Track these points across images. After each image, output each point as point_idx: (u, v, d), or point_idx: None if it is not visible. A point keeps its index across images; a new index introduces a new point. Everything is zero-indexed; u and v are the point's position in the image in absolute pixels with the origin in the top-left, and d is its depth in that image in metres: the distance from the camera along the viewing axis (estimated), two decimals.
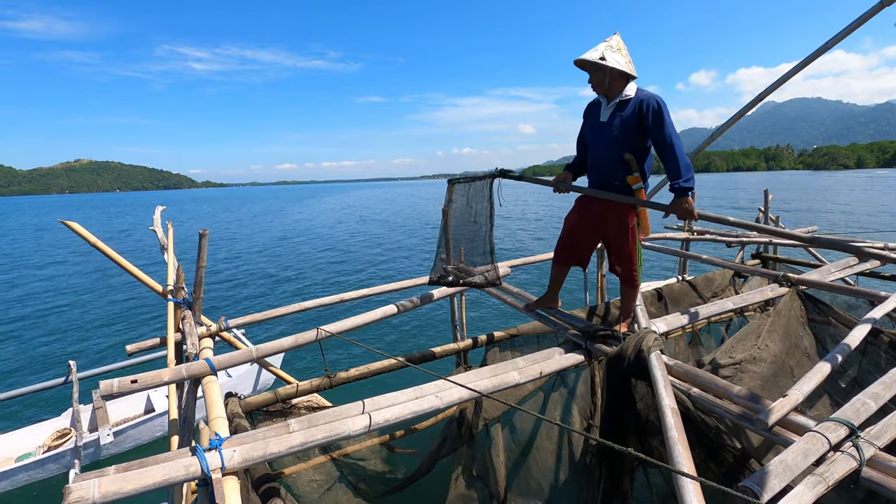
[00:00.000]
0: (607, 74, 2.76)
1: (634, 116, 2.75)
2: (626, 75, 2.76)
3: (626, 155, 2.82)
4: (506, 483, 3.56)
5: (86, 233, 3.75)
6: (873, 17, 3.25)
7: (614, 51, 2.74)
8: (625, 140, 2.81)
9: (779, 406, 1.87)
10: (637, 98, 2.77)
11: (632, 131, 2.78)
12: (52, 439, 5.51)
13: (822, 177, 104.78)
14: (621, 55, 2.74)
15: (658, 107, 2.70)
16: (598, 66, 2.74)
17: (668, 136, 2.69)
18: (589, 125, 3.05)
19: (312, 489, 3.34)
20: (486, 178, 3.11)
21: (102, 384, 2.30)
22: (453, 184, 3.25)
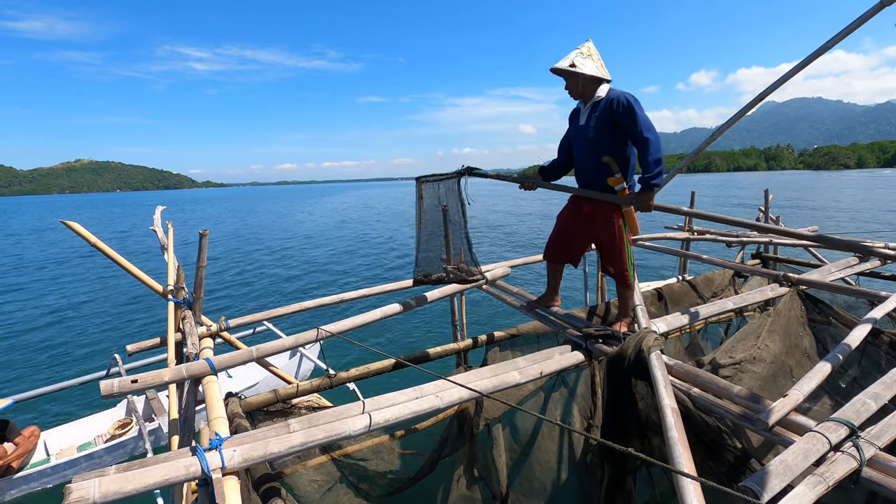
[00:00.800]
0: (580, 80, 2.89)
1: (606, 114, 2.84)
2: (597, 79, 2.88)
3: (605, 157, 2.89)
4: (507, 483, 3.57)
5: (86, 233, 3.76)
6: (874, 17, 3.25)
7: (585, 57, 2.87)
8: (601, 140, 2.89)
9: (779, 406, 1.87)
10: (608, 97, 2.85)
11: (606, 130, 2.86)
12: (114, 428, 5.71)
13: (823, 176, 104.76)
14: (592, 61, 2.86)
15: (628, 102, 2.76)
16: (570, 72, 2.87)
17: (641, 131, 2.74)
18: (572, 130, 3.15)
19: (313, 489, 3.34)
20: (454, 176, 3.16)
21: (103, 385, 2.30)
22: (421, 182, 3.28)
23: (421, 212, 3.31)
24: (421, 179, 3.30)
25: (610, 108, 2.82)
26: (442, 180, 3.19)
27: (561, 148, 3.32)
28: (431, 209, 3.29)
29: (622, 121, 2.79)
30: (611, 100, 2.83)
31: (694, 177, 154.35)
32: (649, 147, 2.74)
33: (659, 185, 2.81)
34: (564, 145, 3.29)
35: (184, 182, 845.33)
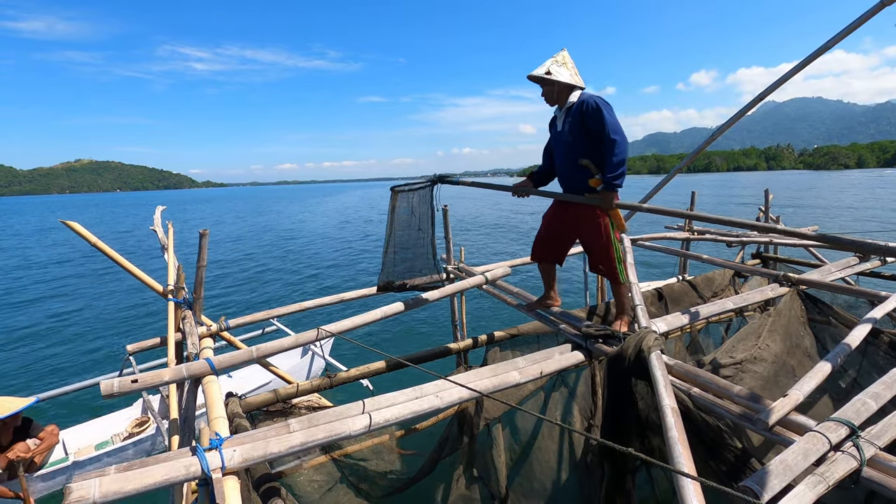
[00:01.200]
0: (555, 87, 3.02)
1: (578, 118, 2.95)
2: (571, 86, 3.00)
3: (583, 160, 2.99)
4: (507, 483, 3.57)
5: (86, 233, 3.76)
6: (874, 17, 3.25)
7: (560, 65, 3.00)
8: (576, 143, 3.00)
9: (779, 406, 1.87)
10: (579, 101, 2.98)
11: (579, 133, 2.98)
12: (132, 427, 5.77)
13: (823, 176, 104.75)
14: (566, 69, 3.00)
15: (597, 105, 2.87)
16: (546, 80, 3.01)
17: (608, 133, 2.83)
18: (552, 137, 3.27)
19: (313, 489, 3.34)
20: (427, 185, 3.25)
21: (103, 385, 2.30)
22: (396, 192, 3.38)
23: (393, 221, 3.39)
24: (396, 189, 3.39)
25: (581, 112, 2.93)
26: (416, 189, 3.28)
27: (545, 154, 3.42)
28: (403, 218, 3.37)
29: (591, 124, 2.90)
30: (582, 103, 2.95)
31: (694, 176, 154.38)
32: (615, 149, 2.83)
33: (620, 185, 2.91)
34: (548, 151, 3.39)
35: (184, 182, 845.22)
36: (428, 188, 3.25)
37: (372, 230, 31.32)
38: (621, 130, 2.87)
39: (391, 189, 3.43)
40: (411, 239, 3.36)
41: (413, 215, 3.33)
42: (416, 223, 3.33)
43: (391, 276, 3.44)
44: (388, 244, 3.43)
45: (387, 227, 3.45)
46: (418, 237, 3.33)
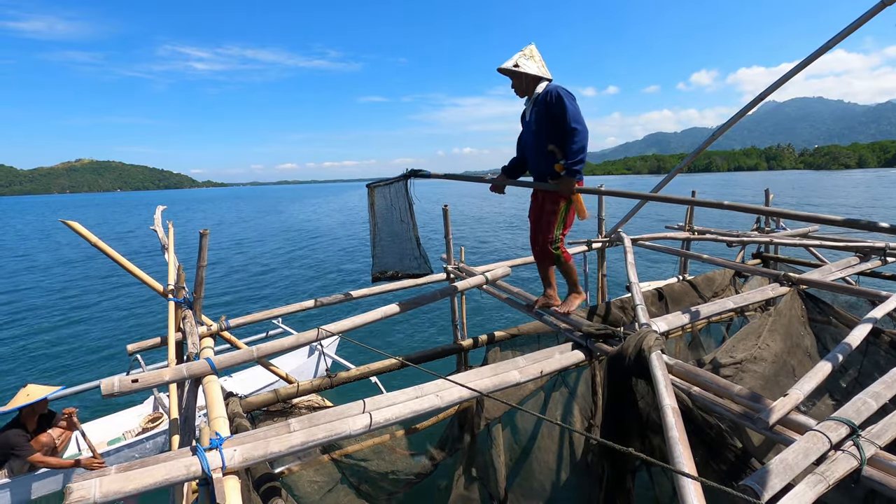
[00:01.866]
0: (524, 79, 3.16)
1: (542, 107, 3.09)
2: (538, 78, 3.15)
3: (551, 146, 3.10)
4: (506, 483, 3.56)
5: (87, 233, 3.76)
6: (874, 17, 3.24)
7: (527, 58, 3.14)
8: (542, 131, 3.13)
9: (780, 405, 1.87)
10: (544, 91, 3.10)
11: (544, 121, 3.10)
12: (145, 423, 5.84)
13: (823, 176, 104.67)
14: (534, 62, 3.14)
15: (559, 94, 2.99)
16: (514, 72, 3.15)
17: (568, 122, 2.96)
18: (523, 128, 3.40)
19: (314, 490, 3.34)
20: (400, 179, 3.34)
21: (104, 384, 2.30)
22: (372, 188, 3.51)
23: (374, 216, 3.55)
24: (372, 185, 3.51)
25: (545, 101, 3.06)
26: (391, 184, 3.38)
27: (518, 146, 3.54)
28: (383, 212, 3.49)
29: (554, 111, 3.02)
30: (546, 93, 3.07)
31: (695, 176, 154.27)
32: (574, 137, 2.95)
33: (580, 171, 3.05)
34: (520, 143, 3.51)
35: (184, 182, 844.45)
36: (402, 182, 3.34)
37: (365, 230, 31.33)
38: (582, 120, 2.99)
39: (367, 186, 3.54)
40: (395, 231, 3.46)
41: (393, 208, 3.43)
42: (397, 216, 3.41)
43: (383, 267, 3.57)
44: (374, 238, 3.58)
45: (370, 222, 3.59)
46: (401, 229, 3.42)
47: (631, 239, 5.01)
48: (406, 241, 3.41)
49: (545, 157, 3.15)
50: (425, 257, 3.42)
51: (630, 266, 3.80)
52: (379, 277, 3.58)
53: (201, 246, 3.59)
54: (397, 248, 3.48)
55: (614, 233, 5.47)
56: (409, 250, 3.41)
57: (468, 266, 4.72)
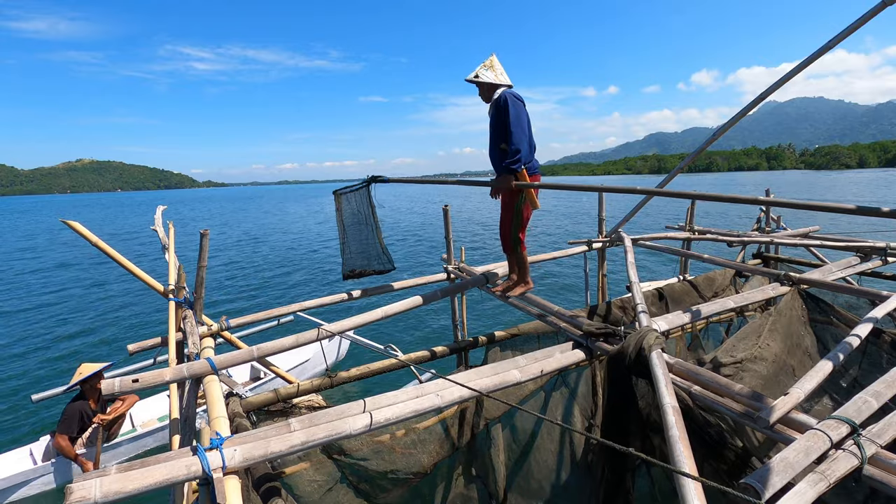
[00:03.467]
0: (484, 87, 3.53)
1: (494, 110, 3.46)
2: (495, 86, 3.48)
3: (502, 145, 3.45)
4: (506, 483, 3.56)
5: (87, 233, 3.76)
6: (875, 17, 3.24)
7: (487, 69, 3.51)
8: (495, 133, 3.50)
9: (780, 404, 1.87)
10: (496, 98, 3.46)
11: (495, 124, 3.48)
12: None
13: (825, 176, 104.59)
14: (492, 71, 3.50)
15: (505, 101, 3.35)
16: (475, 82, 3.53)
17: (508, 125, 3.33)
18: None
19: (313, 489, 3.33)
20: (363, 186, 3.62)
21: (104, 384, 2.31)
22: (338, 195, 3.78)
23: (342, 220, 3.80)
24: (338, 192, 3.79)
25: (497, 105, 3.43)
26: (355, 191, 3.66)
27: None
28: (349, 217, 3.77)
29: (501, 115, 3.37)
30: (498, 98, 3.43)
31: (695, 176, 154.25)
32: (511, 139, 3.33)
33: (516, 170, 3.38)
34: None
35: (185, 182, 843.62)
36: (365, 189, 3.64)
37: None
38: (519, 123, 3.34)
39: (333, 193, 3.81)
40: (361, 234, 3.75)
41: (358, 213, 3.72)
42: (362, 220, 3.72)
43: (352, 267, 3.86)
44: (343, 240, 3.86)
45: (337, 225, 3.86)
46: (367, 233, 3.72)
47: (631, 239, 5.00)
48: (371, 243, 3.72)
49: (499, 154, 3.50)
50: (388, 256, 3.75)
51: (630, 266, 3.80)
52: (349, 276, 3.87)
53: (202, 246, 3.59)
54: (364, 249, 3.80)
55: (615, 233, 5.47)
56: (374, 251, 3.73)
57: (468, 266, 4.72)
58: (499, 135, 3.46)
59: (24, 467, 4.99)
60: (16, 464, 5.09)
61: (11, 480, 4.88)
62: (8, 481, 4.86)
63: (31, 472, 4.96)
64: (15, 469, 4.97)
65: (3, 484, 4.83)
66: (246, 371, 7.28)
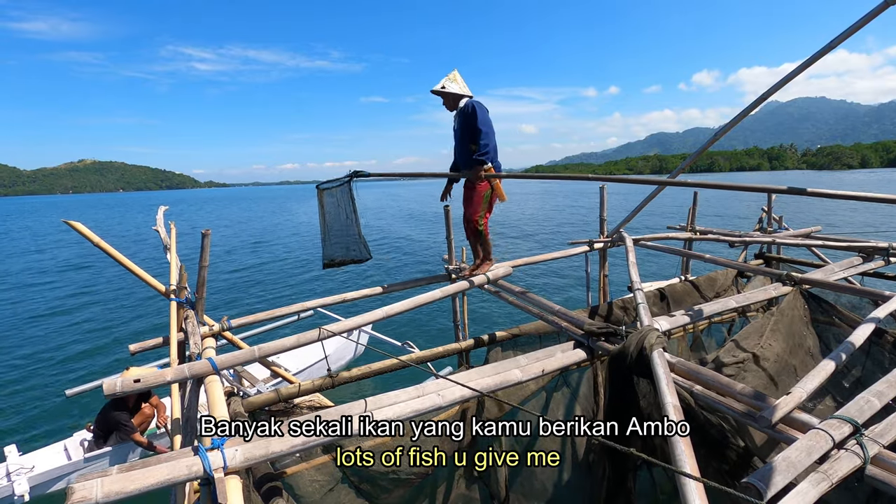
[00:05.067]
0: (449, 98, 4.01)
1: (463, 117, 3.96)
2: (459, 96, 3.98)
3: (472, 146, 3.91)
4: (507, 483, 3.55)
5: (89, 233, 3.77)
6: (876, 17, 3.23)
7: (451, 81, 3.99)
8: (464, 135, 3.97)
9: (783, 403, 1.86)
10: (464, 105, 3.97)
11: (465, 129, 3.94)
12: None
13: (826, 177, 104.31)
14: (456, 83, 4.00)
15: (472, 108, 3.86)
16: (441, 92, 4.00)
17: (478, 127, 3.83)
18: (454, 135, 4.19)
19: (315, 489, 3.33)
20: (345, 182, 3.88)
21: (106, 384, 2.31)
22: (321, 191, 4.05)
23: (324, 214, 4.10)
24: (320, 188, 4.06)
25: (464, 112, 3.93)
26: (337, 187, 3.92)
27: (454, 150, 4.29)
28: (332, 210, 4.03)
29: (469, 119, 3.85)
30: (465, 106, 3.94)
31: (696, 177, 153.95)
32: (479, 137, 3.84)
33: (484, 161, 3.87)
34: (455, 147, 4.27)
35: (186, 182, 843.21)
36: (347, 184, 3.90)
37: (370, 232, 31.32)
38: (488, 123, 3.86)
39: (317, 187, 4.07)
40: (342, 226, 4.02)
41: (340, 207, 3.96)
42: (343, 214, 3.97)
43: (332, 257, 4.13)
44: (324, 232, 4.14)
45: (319, 218, 4.13)
46: (347, 225, 3.98)
47: (633, 239, 5.00)
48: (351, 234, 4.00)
49: (468, 154, 3.97)
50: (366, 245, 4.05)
51: (632, 266, 3.80)
52: (329, 265, 4.16)
53: (203, 246, 3.60)
54: (344, 240, 4.06)
55: (616, 233, 5.46)
56: (353, 241, 4.01)
57: (469, 266, 4.71)
58: (467, 137, 3.94)
59: (59, 462, 5.09)
60: (51, 459, 5.19)
61: (47, 475, 4.99)
62: (44, 476, 4.97)
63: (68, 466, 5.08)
64: (50, 465, 5.06)
65: (41, 479, 4.95)
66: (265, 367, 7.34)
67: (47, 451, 5.35)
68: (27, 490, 4.77)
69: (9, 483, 4.79)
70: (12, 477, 4.84)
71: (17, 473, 4.88)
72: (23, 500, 4.77)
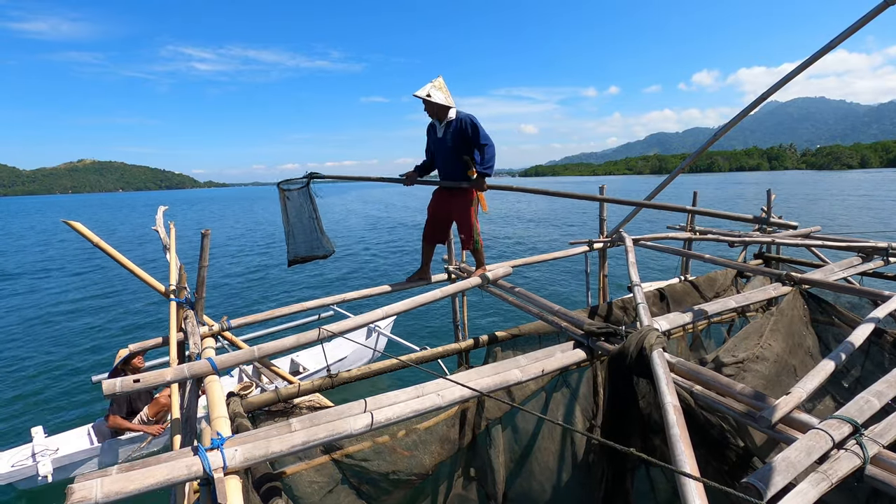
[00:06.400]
0: (434, 107, 3.95)
1: (459, 132, 3.97)
2: (446, 107, 3.95)
3: (465, 157, 4.01)
4: (505, 484, 3.55)
5: (89, 233, 3.77)
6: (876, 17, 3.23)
7: (437, 89, 3.90)
8: (457, 148, 4.03)
9: (783, 403, 1.86)
10: (457, 119, 3.98)
11: (460, 141, 4.00)
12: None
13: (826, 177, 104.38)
14: (442, 92, 3.92)
15: (473, 123, 3.91)
16: (426, 101, 3.92)
17: (481, 142, 3.93)
18: (432, 141, 4.23)
19: (314, 490, 3.33)
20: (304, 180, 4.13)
21: (105, 384, 2.31)
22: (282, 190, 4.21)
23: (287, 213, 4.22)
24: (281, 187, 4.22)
25: (461, 127, 3.94)
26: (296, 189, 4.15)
27: (427, 152, 4.38)
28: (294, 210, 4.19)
29: (470, 135, 3.93)
30: (460, 120, 3.96)
31: (697, 177, 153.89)
32: (485, 152, 3.96)
33: (489, 174, 4.02)
34: (429, 150, 4.34)
35: (186, 182, 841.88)
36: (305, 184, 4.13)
37: (367, 231, 31.32)
38: (489, 138, 3.96)
39: (277, 186, 4.22)
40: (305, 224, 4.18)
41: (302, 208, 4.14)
42: (306, 213, 4.16)
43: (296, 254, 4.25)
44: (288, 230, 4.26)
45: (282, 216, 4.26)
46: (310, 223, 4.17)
47: (632, 239, 5.00)
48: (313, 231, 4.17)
49: (460, 166, 4.06)
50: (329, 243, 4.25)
51: (631, 266, 3.80)
52: (294, 262, 4.27)
53: (202, 246, 3.60)
54: (307, 238, 4.22)
55: (616, 233, 5.47)
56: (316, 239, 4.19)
57: (469, 266, 4.72)
58: (462, 150, 4.00)
59: (83, 446, 5.31)
60: (75, 442, 5.41)
61: (71, 458, 5.18)
62: (67, 458, 5.15)
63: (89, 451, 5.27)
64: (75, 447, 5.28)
65: (65, 461, 5.13)
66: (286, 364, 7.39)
67: (71, 435, 5.56)
68: (50, 471, 4.92)
69: (34, 463, 4.95)
70: (37, 458, 5.00)
71: (42, 454, 5.04)
72: (46, 480, 4.91)
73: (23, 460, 5.03)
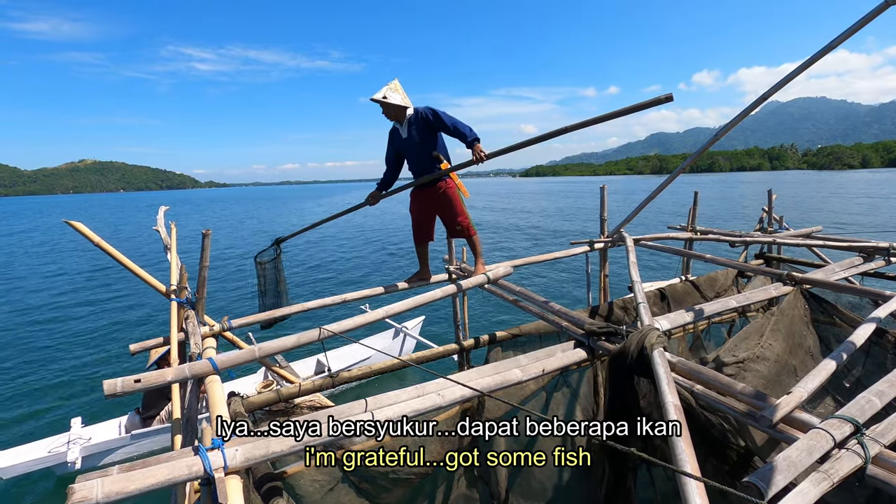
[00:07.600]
0: (391, 108, 3.93)
1: (421, 124, 3.94)
2: (403, 107, 3.93)
3: (434, 152, 3.99)
4: (507, 484, 3.55)
5: (90, 233, 3.77)
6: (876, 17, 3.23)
7: (393, 91, 3.90)
8: (424, 142, 3.98)
9: (783, 403, 1.86)
10: (416, 113, 3.95)
11: (425, 134, 3.96)
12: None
13: (827, 176, 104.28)
14: (398, 94, 3.92)
15: (434, 112, 3.87)
16: (383, 102, 3.90)
17: (449, 124, 3.85)
18: (398, 144, 4.16)
19: (315, 489, 3.33)
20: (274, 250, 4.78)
21: (106, 384, 2.31)
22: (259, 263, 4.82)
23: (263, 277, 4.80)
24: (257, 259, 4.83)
25: (421, 118, 3.91)
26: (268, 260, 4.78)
27: (387, 162, 4.33)
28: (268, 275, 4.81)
29: (434, 123, 3.89)
30: (419, 113, 3.92)
31: (697, 177, 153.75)
32: (459, 126, 3.83)
33: (479, 138, 3.84)
34: (391, 158, 4.30)
35: (187, 182, 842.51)
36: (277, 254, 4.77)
37: (372, 233, 31.33)
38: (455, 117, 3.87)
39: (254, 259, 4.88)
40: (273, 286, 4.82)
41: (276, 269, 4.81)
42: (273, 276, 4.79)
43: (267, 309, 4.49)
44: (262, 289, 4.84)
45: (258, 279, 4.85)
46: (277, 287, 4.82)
47: (633, 239, 5.00)
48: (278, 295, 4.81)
49: (431, 160, 4.01)
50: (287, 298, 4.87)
51: (632, 266, 3.80)
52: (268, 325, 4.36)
53: (203, 246, 3.60)
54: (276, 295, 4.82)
55: (616, 233, 5.46)
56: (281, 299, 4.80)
57: (469, 266, 4.72)
58: (430, 143, 3.99)
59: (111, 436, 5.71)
60: (107, 432, 5.81)
61: (97, 448, 5.57)
62: (96, 447, 5.55)
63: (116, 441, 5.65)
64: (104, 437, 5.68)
65: (92, 450, 5.54)
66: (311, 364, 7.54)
67: (104, 426, 5.97)
68: (78, 458, 5.36)
69: (66, 450, 5.38)
70: (70, 445, 5.44)
71: (74, 442, 5.49)
72: (74, 466, 5.34)
73: (58, 447, 5.43)
